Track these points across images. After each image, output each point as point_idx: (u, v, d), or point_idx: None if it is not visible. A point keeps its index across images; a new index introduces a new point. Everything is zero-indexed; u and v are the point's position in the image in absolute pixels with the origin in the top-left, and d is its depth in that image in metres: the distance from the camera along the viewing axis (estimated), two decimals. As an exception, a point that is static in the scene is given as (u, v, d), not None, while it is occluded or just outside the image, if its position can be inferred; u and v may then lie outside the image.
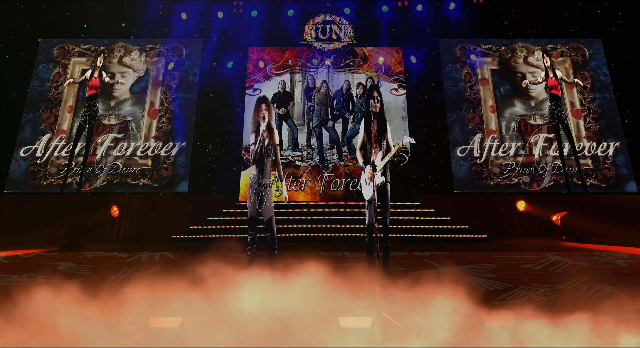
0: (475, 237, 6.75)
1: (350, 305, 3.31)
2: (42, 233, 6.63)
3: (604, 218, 6.55)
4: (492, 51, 8.98)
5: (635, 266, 4.93)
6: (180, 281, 3.73)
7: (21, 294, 3.30)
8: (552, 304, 3.33)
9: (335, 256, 5.47)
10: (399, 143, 3.59)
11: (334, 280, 3.72)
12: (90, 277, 4.51)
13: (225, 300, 3.38)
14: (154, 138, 8.34)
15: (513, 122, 8.44)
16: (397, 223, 6.84)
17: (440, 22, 9.23)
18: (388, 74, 8.88)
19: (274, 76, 8.90)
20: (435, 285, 4.07)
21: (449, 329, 2.77)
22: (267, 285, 3.46)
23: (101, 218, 7.32)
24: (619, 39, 8.82)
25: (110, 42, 8.96)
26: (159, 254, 5.71)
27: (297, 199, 8.09)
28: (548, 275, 4.58)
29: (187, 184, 8.08)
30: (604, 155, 8.08)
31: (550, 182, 7.97)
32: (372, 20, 9.26)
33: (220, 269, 4.08)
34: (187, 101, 8.67)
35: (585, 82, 8.60)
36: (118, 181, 8.03)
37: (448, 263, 5.11)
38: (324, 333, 2.78)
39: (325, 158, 8.38)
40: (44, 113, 8.36)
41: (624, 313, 3.04)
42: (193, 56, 8.98)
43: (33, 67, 8.71)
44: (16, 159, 8.04)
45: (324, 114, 8.58)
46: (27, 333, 2.75)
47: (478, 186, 8.06)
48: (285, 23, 9.23)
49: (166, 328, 2.81)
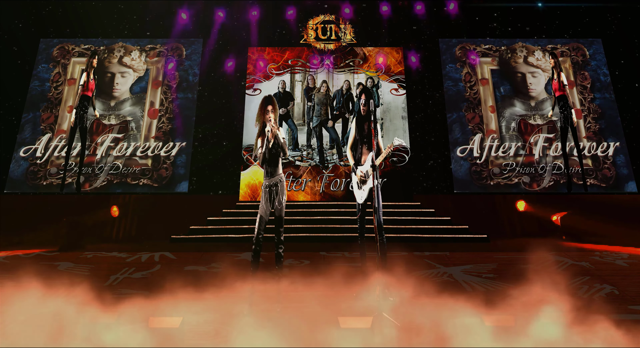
0: (475, 237, 6.74)
1: (350, 305, 3.31)
2: (42, 233, 6.62)
3: (604, 218, 6.55)
4: (492, 51, 8.98)
5: (635, 266, 4.93)
6: (180, 281, 3.73)
7: (21, 294, 3.30)
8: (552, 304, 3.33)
9: (335, 256, 5.47)
10: (389, 145, 3.59)
11: (333, 279, 3.73)
12: (90, 277, 4.51)
13: (226, 300, 3.38)
14: (154, 138, 8.34)
15: (513, 122, 8.44)
16: (397, 223, 6.84)
17: (440, 22, 9.22)
18: (388, 74, 8.88)
19: (274, 76, 8.90)
20: (435, 285, 4.07)
21: (449, 329, 2.77)
22: (266, 285, 3.46)
23: (101, 218, 7.32)
24: (619, 39, 8.82)
25: (110, 42, 8.96)
26: (159, 254, 5.71)
27: (297, 199, 8.09)
28: (548, 275, 4.57)
29: (187, 184, 8.08)
30: (604, 155, 8.09)
31: (550, 182, 7.97)
32: (372, 20, 9.25)
33: (221, 269, 4.09)
34: (187, 101, 8.67)
35: (585, 82, 8.61)
36: (118, 181, 8.03)
37: (448, 263, 5.11)
38: (324, 333, 2.78)
39: (325, 158, 8.38)
40: (44, 113, 8.36)
41: (624, 313, 3.04)
42: (193, 56, 8.98)
43: (33, 67, 8.72)
44: (16, 159, 8.04)
45: (324, 114, 8.58)
46: (27, 333, 2.75)
47: (478, 186, 8.06)
48: (285, 23, 9.23)
49: (166, 328, 2.81)
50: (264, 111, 3.58)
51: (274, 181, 3.55)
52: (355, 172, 3.69)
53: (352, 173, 3.78)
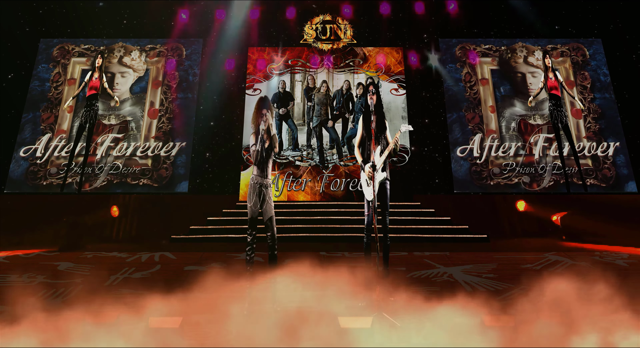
0: (475, 237, 6.75)
1: (350, 305, 3.31)
2: (42, 233, 6.63)
3: (604, 218, 6.55)
4: (492, 51, 8.98)
5: (635, 266, 4.93)
6: (180, 281, 3.73)
7: (21, 294, 3.30)
8: (552, 304, 3.33)
9: (335, 256, 5.47)
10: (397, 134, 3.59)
11: (333, 280, 3.72)
12: (90, 277, 4.51)
13: (225, 300, 3.38)
14: (154, 138, 8.34)
15: (513, 122, 8.44)
16: (397, 223, 6.84)
17: (440, 22, 9.22)
18: (388, 74, 8.88)
19: (274, 76, 8.90)
20: (435, 285, 4.07)
21: (449, 329, 2.77)
22: (266, 285, 3.46)
23: (101, 218, 7.32)
24: (619, 39, 8.82)
25: (110, 42, 8.96)
26: (159, 254, 5.72)
27: (297, 199, 8.09)
28: (548, 275, 4.57)
29: (187, 184, 8.08)
30: (604, 155, 8.08)
31: (550, 182, 7.97)
32: (372, 20, 9.26)
33: (221, 269, 4.08)
34: (187, 101, 8.67)
35: (585, 82, 8.61)
36: (118, 181, 8.03)
37: (448, 263, 5.11)
38: (324, 333, 2.78)
39: (325, 158, 8.38)
40: (44, 113, 8.36)
41: (623, 313, 3.04)
42: (193, 56, 8.98)
43: (33, 67, 8.72)
44: (16, 159, 8.04)
45: (324, 114, 8.58)
46: (27, 333, 2.75)
47: (478, 186, 8.06)
48: (285, 23, 9.23)
49: (166, 328, 2.81)
50: (259, 113, 3.61)
51: (264, 183, 3.55)
52: (364, 169, 3.66)
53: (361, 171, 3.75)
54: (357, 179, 8.17)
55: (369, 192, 3.58)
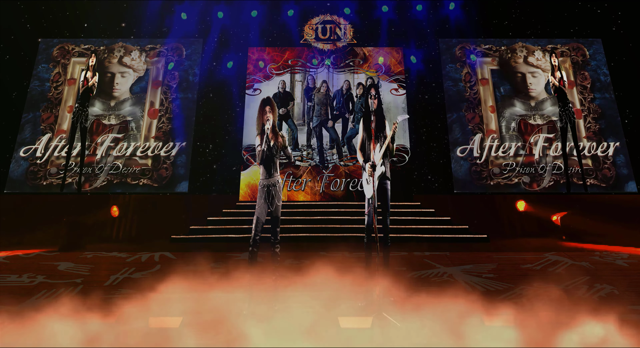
0: (475, 237, 6.74)
1: (350, 305, 3.31)
2: (42, 233, 6.62)
3: (604, 218, 6.54)
4: (492, 51, 8.98)
5: (635, 266, 4.93)
6: (180, 281, 3.73)
7: (21, 294, 3.30)
8: (552, 304, 3.33)
9: (335, 256, 5.46)
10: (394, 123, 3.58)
11: (334, 280, 3.72)
12: (90, 277, 4.51)
13: (225, 300, 3.38)
14: (154, 138, 8.34)
15: (513, 122, 8.44)
16: (397, 223, 6.83)
17: (440, 22, 9.22)
18: (388, 74, 8.88)
19: (274, 76, 8.90)
20: (435, 285, 4.07)
21: (449, 329, 2.77)
22: (266, 285, 3.46)
23: (101, 218, 7.31)
24: (619, 39, 8.82)
25: (110, 42, 8.96)
26: (159, 254, 5.71)
27: (297, 199, 8.09)
28: (548, 275, 4.58)
29: (187, 184, 8.08)
30: (604, 155, 8.08)
31: (550, 182, 7.96)
32: (372, 20, 9.25)
33: (221, 269, 4.08)
34: (187, 101, 8.66)
35: (585, 82, 8.61)
36: (118, 181, 8.03)
37: (448, 263, 5.11)
38: (324, 333, 2.78)
39: (325, 158, 8.38)
40: (44, 113, 8.36)
41: (624, 313, 3.04)
42: (193, 56, 8.98)
43: (33, 67, 8.71)
44: (16, 159, 8.04)
45: (324, 114, 8.58)
46: (27, 334, 2.75)
47: (478, 186, 8.06)
48: (285, 23, 9.23)
49: (166, 328, 2.81)
50: (263, 112, 3.62)
51: (271, 182, 3.56)
52: (365, 168, 3.67)
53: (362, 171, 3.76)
54: (357, 179, 8.17)
55: (369, 189, 3.58)
